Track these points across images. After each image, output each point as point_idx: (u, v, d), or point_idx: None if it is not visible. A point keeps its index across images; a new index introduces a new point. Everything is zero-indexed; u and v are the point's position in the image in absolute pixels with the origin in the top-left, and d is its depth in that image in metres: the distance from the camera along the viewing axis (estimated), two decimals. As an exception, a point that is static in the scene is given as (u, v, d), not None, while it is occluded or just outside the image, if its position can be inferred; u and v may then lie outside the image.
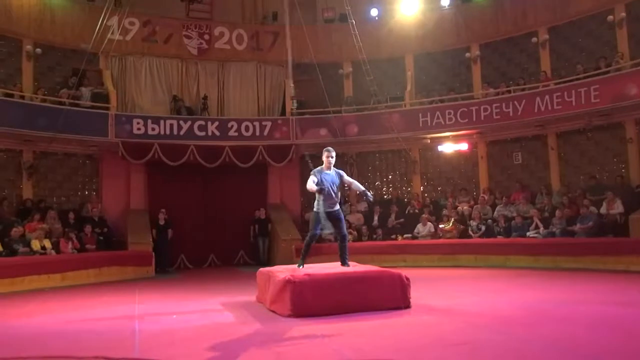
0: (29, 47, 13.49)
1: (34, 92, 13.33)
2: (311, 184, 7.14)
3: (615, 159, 13.12)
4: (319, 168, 7.37)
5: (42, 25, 13.76)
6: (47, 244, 11.47)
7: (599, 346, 4.52)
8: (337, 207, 7.37)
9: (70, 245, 11.86)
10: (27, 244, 11.14)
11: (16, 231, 11.18)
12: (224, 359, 4.60)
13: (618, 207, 11.52)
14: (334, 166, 7.38)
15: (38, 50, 13.66)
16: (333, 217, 7.33)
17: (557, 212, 11.99)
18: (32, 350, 5.09)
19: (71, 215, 12.98)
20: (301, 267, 7.19)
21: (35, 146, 13.26)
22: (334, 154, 7.32)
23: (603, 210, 11.69)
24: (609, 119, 12.77)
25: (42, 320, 6.92)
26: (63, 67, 14.26)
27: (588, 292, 7.90)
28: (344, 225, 7.48)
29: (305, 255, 7.40)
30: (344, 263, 7.29)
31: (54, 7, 13.95)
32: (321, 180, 7.16)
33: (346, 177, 7.50)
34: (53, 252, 11.45)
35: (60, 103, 13.20)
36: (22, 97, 12.97)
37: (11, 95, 12.71)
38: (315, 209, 7.35)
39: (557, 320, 5.68)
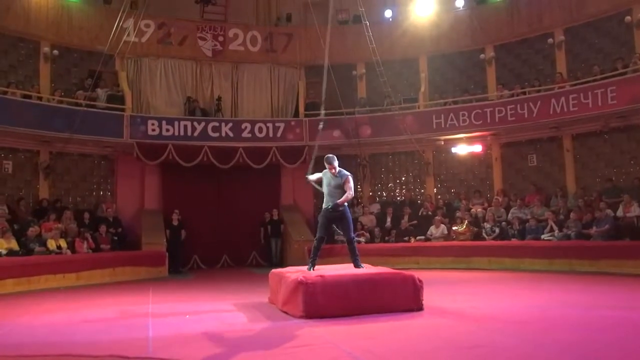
0: (46, 49, 13.71)
1: (51, 94, 13.52)
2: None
3: (632, 162, 12.96)
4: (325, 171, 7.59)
5: (60, 28, 13.97)
6: (63, 243, 11.61)
7: (614, 351, 4.46)
8: (341, 207, 7.33)
9: (85, 245, 12.00)
10: (43, 243, 11.29)
11: (32, 231, 11.33)
12: (236, 359, 4.61)
13: (635, 210, 11.36)
14: (343, 168, 7.51)
15: (55, 52, 13.88)
16: (336, 218, 7.40)
17: (572, 215, 11.85)
18: (47, 349, 5.15)
19: (86, 215, 13.14)
20: (311, 270, 7.17)
21: (51, 147, 13.45)
22: (335, 163, 7.37)
23: (619, 213, 11.54)
24: (626, 121, 12.61)
25: (57, 319, 7.00)
26: (79, 68, 14.46)
27: (603, 296, 7.79)
28: (350, 228, 7.44)
29: (314, 258, 7.37)
30: (356, 265, 7.29)
31: (71, 10, 14.15)
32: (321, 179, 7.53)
33: (347, 185, 7.33)
34: (68, 251, 11.59)
35: (77, 104, 13.37)
36: (40, 98, 13.17)
37: (29, 97, 12.91)
38: (322, 209, 7.43)
39: (572, 325, 5.62)
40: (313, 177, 7.88)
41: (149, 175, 14.73)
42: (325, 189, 7.43)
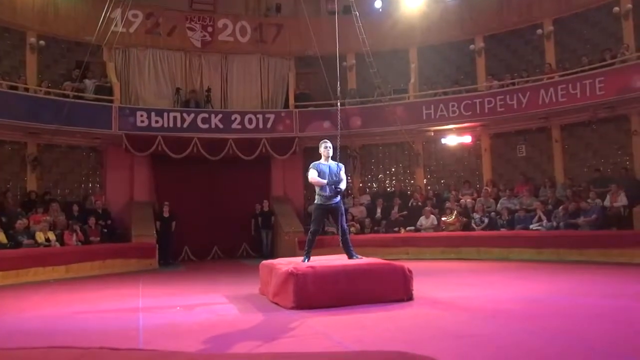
0: (32, 40, 13.53)
1: (37, 85, 13.36)
2: (314, 177, 7.22)
3: (619, 152, 13.10)
4: (318, 161, 7.41)
5: (46, 18, 13.78)
6: (52, 236, 11.53)
7: (603, 339, 4.52)
8: (338, 199, 7.37)
9: (74, 237, 11.93)
10: (32, 236, 11.21)
11: (20, 223, 11.25)
12: (228, 350, 4.61)
13: (622, 200, 11.48)
14: (333, 159, 7.43)
15: (42, 42, 13.69)
16: (333, 210, 7.38)
17: (561, 205, 11.96)
18: (37, 341, 5.12)
19: (75, 208, 13.03)
20: (306, 261, 7.13)
21: (39, 138, 13.32)
22: (329, 144, 7.37)
23: (607, 202, 11.66)
24: (613, 111, 12.71)
25: (46, 312, 6.96)
26: (67, 59, 14.30)
27: (592, 285, 7.89)
28: (344, 219, 7.50)
29: (309, 250, 7.38)
30: (350, 256, 7.30)
31: (58, 0, 13.93)
32: (321, 172, 7.23)
33: (342, 173, 7.45)
34: (57, 244, 11.52)
35: (64, 95, 13.23)
36: (27, 89, 13.01)
37: (15, 88, 12.75)
38: (316, 202, 7.38)
39: (561, 313, 5.68)
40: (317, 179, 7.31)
41: (139, 167, 14.64)
42: (327, 179, 7.22)
